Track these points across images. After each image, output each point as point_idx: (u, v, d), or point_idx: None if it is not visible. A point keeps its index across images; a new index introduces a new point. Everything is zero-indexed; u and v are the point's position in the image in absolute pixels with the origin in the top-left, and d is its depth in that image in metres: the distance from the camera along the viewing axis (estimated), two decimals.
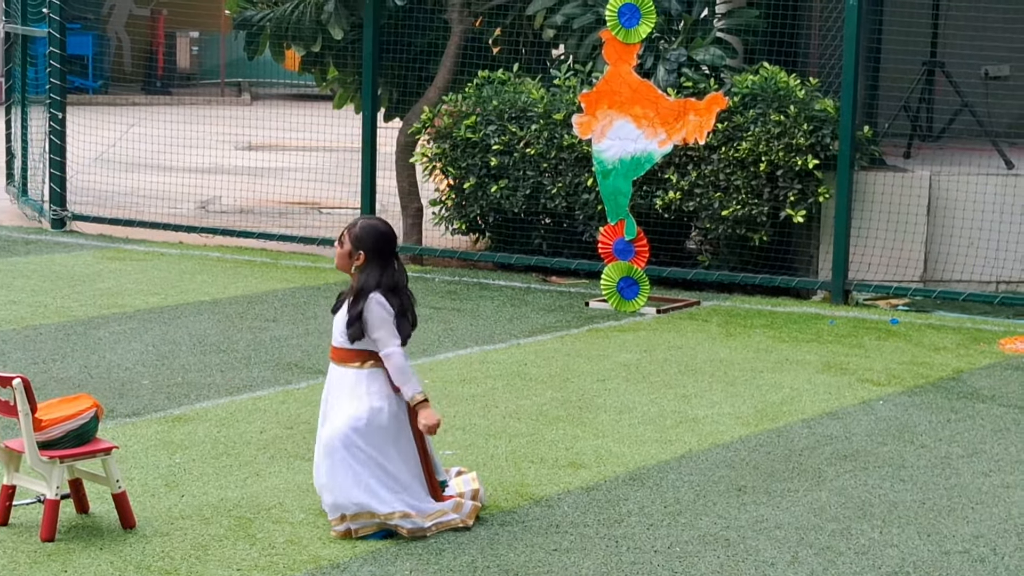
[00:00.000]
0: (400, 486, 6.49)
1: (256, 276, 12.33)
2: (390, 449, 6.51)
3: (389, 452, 6.51)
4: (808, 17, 13.03)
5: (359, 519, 6.42)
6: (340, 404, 6.54)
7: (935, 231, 12.01)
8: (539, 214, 12.63)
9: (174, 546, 6.27)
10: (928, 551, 6.46)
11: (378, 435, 6.49)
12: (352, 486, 6.40)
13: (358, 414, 6.46)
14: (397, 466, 6.52)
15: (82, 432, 6.38)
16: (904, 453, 7.86)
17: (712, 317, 11.14)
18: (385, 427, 6.50)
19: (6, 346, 9.60)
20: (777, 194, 11.76)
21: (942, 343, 10.44)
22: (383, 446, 6.49)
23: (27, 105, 15.58)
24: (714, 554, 6.35)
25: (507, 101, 12.47)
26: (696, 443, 7.95)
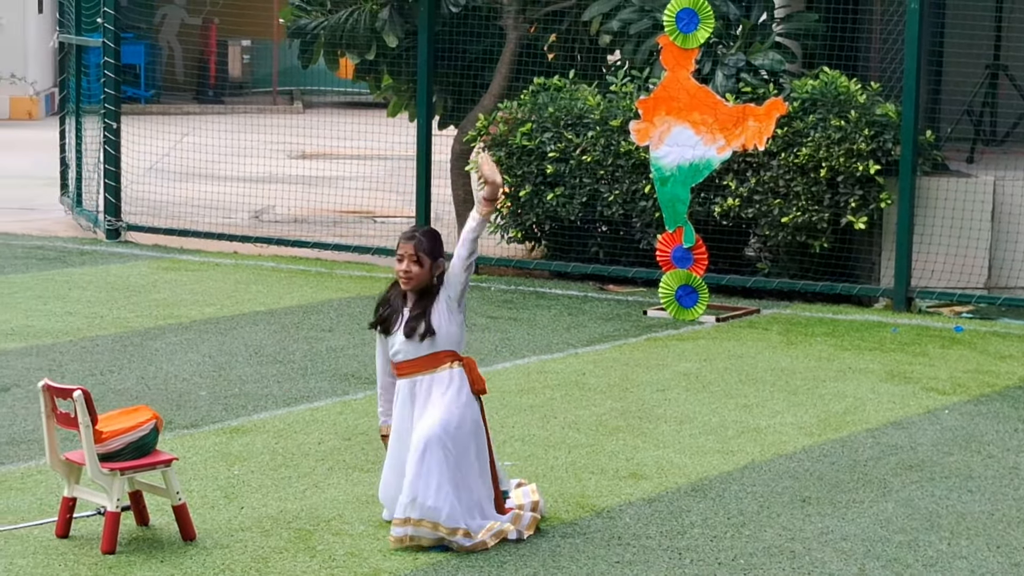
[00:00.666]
0: (472, 500, 6.50)
1: (311, 286, 12.36)
2: (471, 456, 6.53)
3: (469, 459, 6.53)
4: (868, 20, 12.98)
5: (422, 527, 6.42)
6: (429, 411, 6.55)
7: (999, 237, 11.93)
8: (596, 222, 12.62)
9: (234, 558, 6.29)
10: (998, 563, 6.41)
11: (464, 440, 6.52)
12: (433, 491, 6.41)
13: (447, 419, 6.48)
14: (473, 477, 6.54)
15: (142, 444, 6.42)
16: (971, 463, 7.81)
17: (772, 325, 11.10)
18: (469, 433, 6.53)
19: (63, 358, 9.66)
20: (838, 200, 11.71)
21: (1008, 351, 10.36)
22: (466, 452, 6.51)
23: (81, 115, 15.68)
24: (779, 566, 6.33)
25: (563, 108, 12.47)
26: (759, 453, 7.93)
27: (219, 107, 27.79)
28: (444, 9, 13.33)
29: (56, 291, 11.83)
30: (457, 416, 6.50)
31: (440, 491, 6.41)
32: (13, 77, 26.82)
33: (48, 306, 11.23)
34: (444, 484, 6.42)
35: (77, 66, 15.92)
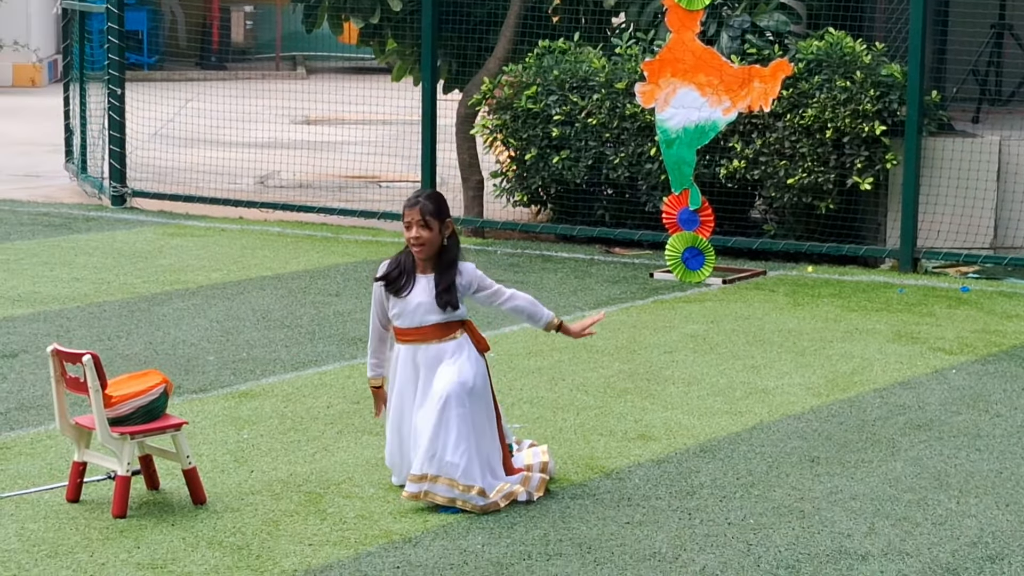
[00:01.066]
0: (484, 459, 6.52)
1: (317, 251, 12.37)
2: (483, 415, 6.56)
3: (482, 419, 6.55)
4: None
5: (438, 483, 6.43)
6: (444, 370, 6.56)
7: (1005, 197, 11.92)
8: (601, 185, 12.62)
9: (245, 522, 6.31)
10: (1007, 521, 6.42)
11: (479, 400, 6.55)
12: (452, 447, 6.44)
13: (464, 378, 6.51)
14: (486, 437, 6.56)
15: (152, 408, 6.43)
16: (979, 422, 7.81)
17: (779, 287, 11.10)
18: (481, 393, 6.56)
19: (71, 323, 9.67)
20: (844, 161, 11.70)
21: (1014, 310, 10.36)
22: (479, 412, 6.54)
23: (85, 82, 15.67)
24: (789, 526, 6.34)
25: (568, 71, 12.45)
26: (767, 414, 7.93)
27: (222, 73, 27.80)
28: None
29: (62, 257, 11.83)
30: (471, 375, 6.52)
31: (459, 447, 6.43)
32: (16, 44, 26.78)
33: (55, 272, 11.24)
34: (463, 440, 6.44)
35: (80, 32, 15.89)
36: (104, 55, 14.64)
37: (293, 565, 5.86)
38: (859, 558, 6.00)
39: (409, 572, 5.82)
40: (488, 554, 6.00)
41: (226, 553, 5.97)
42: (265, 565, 5.86)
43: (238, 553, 5.97)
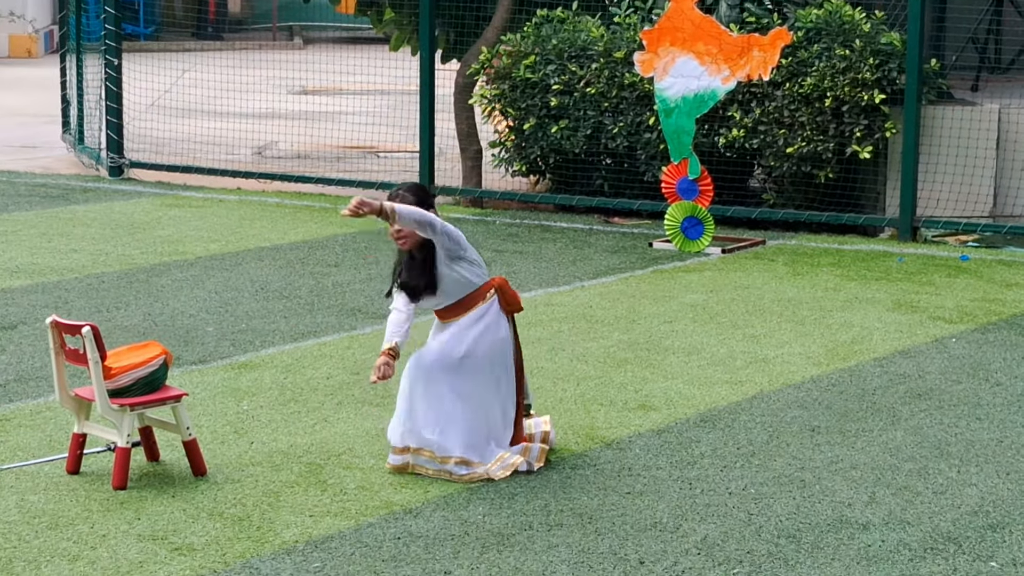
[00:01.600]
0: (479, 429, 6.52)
1: (315, 221, 12.35)
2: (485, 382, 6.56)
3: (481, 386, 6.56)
4: None
5: (421, 455, 6.48)
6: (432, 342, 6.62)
7: (1004, 165, 11.91)
8: (600, 154, 12.59)
9: (246, 493, 6.30)
10: (1008, 490, 6.42)
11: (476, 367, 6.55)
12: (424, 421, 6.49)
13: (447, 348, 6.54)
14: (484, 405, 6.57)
15: (152, 380, 6.43)
16: (979, 391, 7.81)
17: (778, 256, 11.09)
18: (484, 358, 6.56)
19: (69, 295, 9.66)
20: (843, 130, 11.68)
21: (1014, 279, 10.35)
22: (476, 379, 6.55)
23: (81, 53, 15.63)
24: (790, 495, 6.34)
25: (566, 40, 12.42)
26: (767, 384, 7.93)
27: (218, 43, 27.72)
28: None
29: (60, 228, 11.82)
30: (467, 344, 6.52)
31: (434, 422, 6.48)
32: (12, 15, 26.73)
33: (52, 243, 11.23)
34: (440, 415, 6.48)
35: (77, 3, 15.85)
36: (100, 26, 14.60)
37: (294, 536, 5.87)
38: (860, 527, 6.00)
39: (410, 543, 5.82)
40: (489, 524, 6.00)
41: (227, 524, 5.97)
42: (266, 536, 5.86)
43: (239, 524, 5.97)
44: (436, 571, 5.58)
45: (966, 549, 5.81)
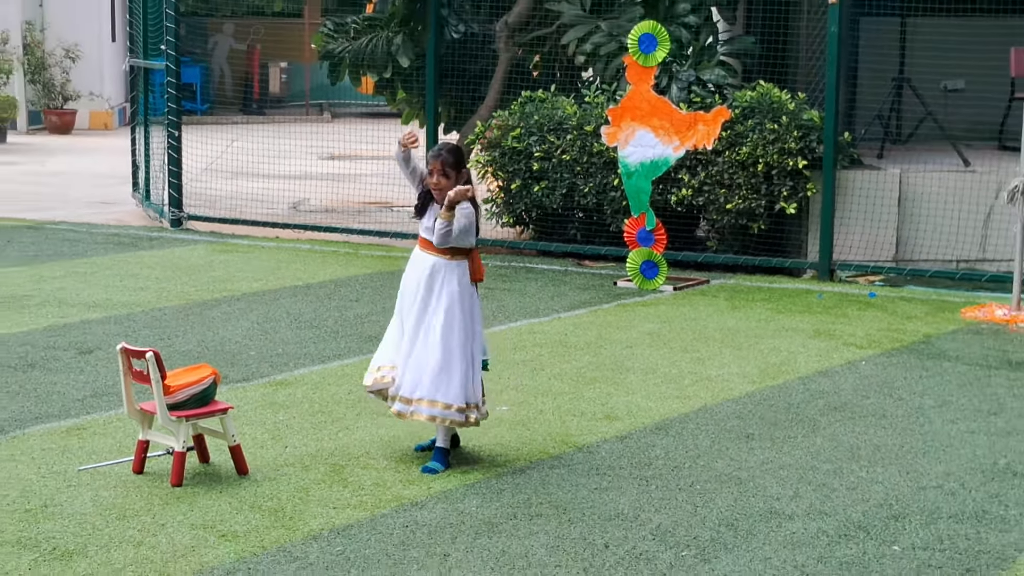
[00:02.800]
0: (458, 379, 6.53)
1: (340, 264, 12.34)
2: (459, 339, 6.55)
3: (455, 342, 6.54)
4: (796, 42, 12.94)
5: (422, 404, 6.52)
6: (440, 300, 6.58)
7: (905, 219, 11.93)
8: (574, 209, 12.60)
9: (281, 489, 6.28)
10: (907, 487, 6.42)
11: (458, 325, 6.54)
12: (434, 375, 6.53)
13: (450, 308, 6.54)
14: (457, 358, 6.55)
15: (203, 395, 6.41)
16: (885, 405, 7.81)
17: (720, 293, 11.10)
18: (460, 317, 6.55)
19: (136, 325, 9.64)
20: (772, 190, 11.69)
21: (913, 312, 10.37)
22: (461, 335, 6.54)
23: (148, 125, 15.66)
24: (729, 491, 6.32)
25: (546, 116, 12.44)
26: (710, 398, 7.92)
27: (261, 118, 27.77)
28: (447, 35, 13.30)
29: (130, 270, 11.80)
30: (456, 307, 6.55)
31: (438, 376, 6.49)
32: (92, 94, 26.75)
33: (123, 283, 11.20)
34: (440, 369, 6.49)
35: (144, 85, 15.88)
36: (164, 103, 14.62)
37: (320, 525, 5.84)
38: (786, 517, 5.99)
39: (415, 530, 5.80)
40: (480, 514, 5.98)
41: (264, 515, 5.95)
42: (296, 525, 5.84)
43: (274, 515, 5.95)
44: (437, 554, 5.56)
45: (873, 535, 5.80)
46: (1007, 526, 5.92)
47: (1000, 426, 7.40)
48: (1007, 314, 10.10)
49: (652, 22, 11.01)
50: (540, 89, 12.93)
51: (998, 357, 8.94)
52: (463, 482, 6.41)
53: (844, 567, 5.46)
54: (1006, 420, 7.52)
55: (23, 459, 6.66)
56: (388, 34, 13.34)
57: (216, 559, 5.47)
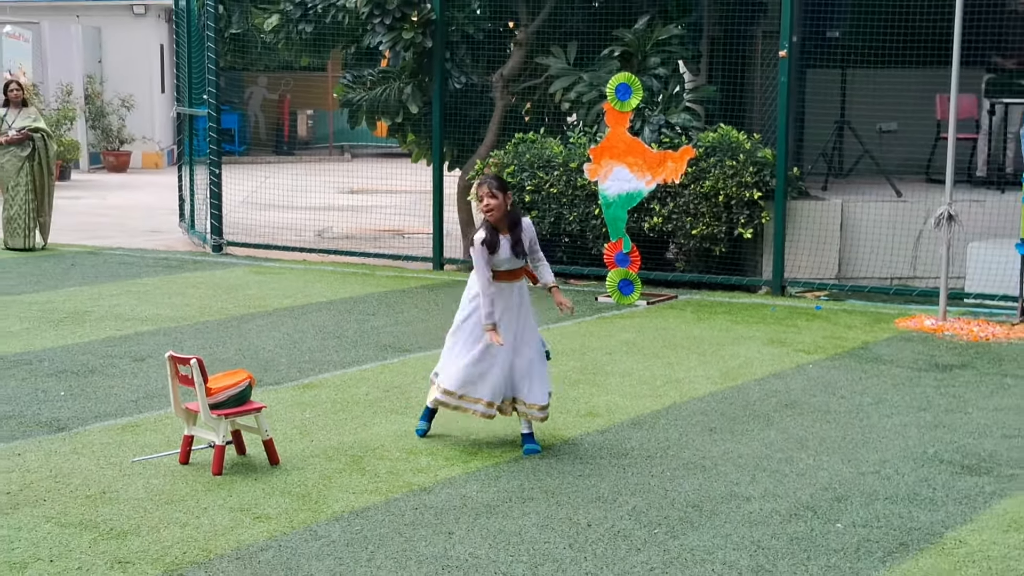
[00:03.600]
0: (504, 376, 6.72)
1: (359, 283, 12.35)
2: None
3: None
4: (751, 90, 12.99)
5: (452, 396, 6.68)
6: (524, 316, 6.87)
7: (845, 242, 11.95)
8: (560, 235, 12.61)
9: (307, 477, 6.28)
10: (849, 472, 6.42)
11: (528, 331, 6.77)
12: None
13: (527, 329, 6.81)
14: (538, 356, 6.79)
15: (240, 396, 6.42)
16: (829, 402, 7.82)
17: (687, 307, 11.10)
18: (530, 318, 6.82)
19: (183, 336, 9.64)
20: (732, 218, 11.71)
21: (853, 322, 10.38)
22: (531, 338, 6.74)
23: (193, 164, 15.68)
24: (695, 477, 6.33)
25: (536, 155, 12.46)
26: (678, 397, 7.92)
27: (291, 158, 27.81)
28: (451, 86, 13.32)
29: (177, 289, 11.81)
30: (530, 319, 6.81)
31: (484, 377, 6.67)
32: (144, 138, 26.81)
33: (171, 300, 11.21)
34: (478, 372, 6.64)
35: (189, 129, 15.90)
36: (206, 145, 14.64)
37: (341, 508, 5.84)
38: (744, 499, 5.99)
39: (424, 512, 5.80)
40: (480, 498, 5.99)
41: (293, 499, 5.95)
42: (321, 508, 5.84)
43: (302, 500, 5.95)
44: (443, 532, 5.56)
45: (819, 515, 5.81)
46: (935, 506, 5.93)
47: (929, 420, 7.42)
48: (935, 324, 10.12)
49: (627, 74, 11.04)
50: (531, 132, 12.95)
51: (927, 361, 8.96)
52: (465, 470, 6.41)
53: (794, 542, 5.47)
54: (934, 415, 7.53)
55: (84, 452, 6.66)
56: (399, 85, 13.36)
57: (251, 538, 5.47)
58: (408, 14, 12.93)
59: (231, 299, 11.33)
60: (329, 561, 5.24)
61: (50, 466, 6.41)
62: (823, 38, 12.76)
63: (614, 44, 12.50)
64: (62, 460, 6.51)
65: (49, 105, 23.89)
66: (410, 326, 10.05)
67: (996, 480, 6.29)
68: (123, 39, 26.76)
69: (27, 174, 14.15)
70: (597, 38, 12.80)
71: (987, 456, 6.69)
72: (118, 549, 5.34)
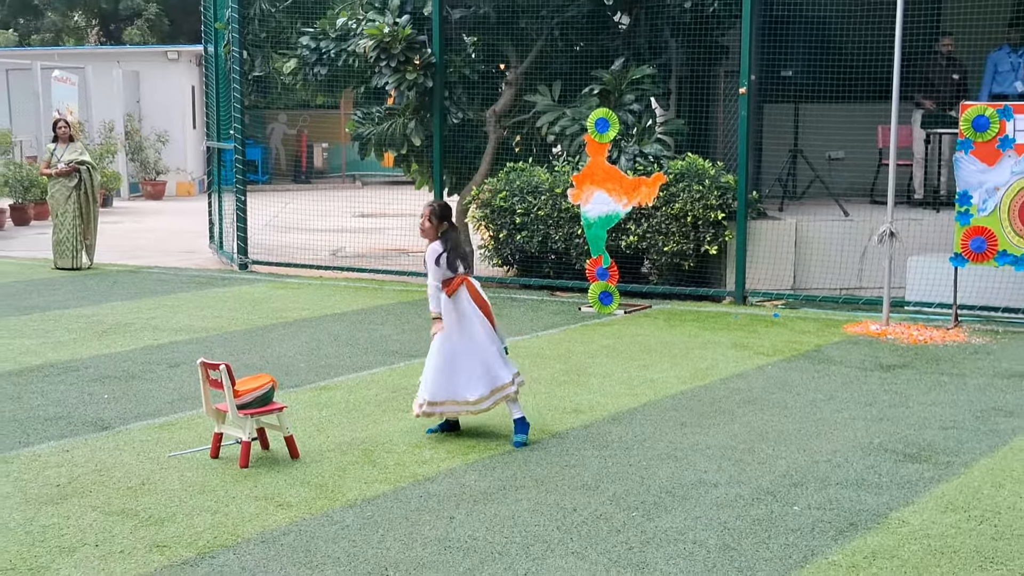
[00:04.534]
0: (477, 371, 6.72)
1: (369, 297, 12.34)
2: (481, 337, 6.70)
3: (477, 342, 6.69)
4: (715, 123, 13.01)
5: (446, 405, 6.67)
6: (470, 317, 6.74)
7: (799, 257, 11.96)
8: (548, 252, 12.62)
9: (323, 469, 6.27)
10: (804, 462, 6.43)
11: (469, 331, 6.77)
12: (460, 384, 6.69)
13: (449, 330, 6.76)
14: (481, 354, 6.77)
15: (264, 397, 6.41)
16: (786, 399, 7.83)
17: (660, 315, 11.11)
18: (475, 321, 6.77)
19: (213, 344, 9.62)
20: (699, 236, 11.73)
21: (807, 328, 10.39)
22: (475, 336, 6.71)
23: (221, 192, 15.67)
24: (668, 466, 6.33)
25: (525, 181, 12.47)
26: (653, 395, 7.92)
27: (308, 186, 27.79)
28: (449, 121, 13.33)
29: (207, 303, 11.79)
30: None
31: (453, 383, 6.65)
32: (178, 169, 26.80)
33: (203, 312, 11.19)
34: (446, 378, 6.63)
35: (218, 161, 15.90)
36: (233, 175, 14.64)
37: (354, 496, 5.83)
38: (712, 485, 5.99)
39: (427, 499, 5.79)
40: (477, 487, 5.98)
41: (311, 489, 5.94)
42: (336, 496, 5.83)
43: (319, 489, 5.94)
44: (444, 516, 5.55)
45: (778, 498, 5.81)
46: (881, 490, 5.93)
47: (874, 414, 7.42)
48: (879, 328, 10.14)
49: (605, 109, 11.06)
50: (521, 161, 12.97)
51: (872, 361, 8.97)
52: (464, 462, 6.40)
53: (756, 523, 5.47)
54: (879, 409, 7.54)
55: (126, 448, 6.64)
56: (404, 120, 13.38)
57: (274, 523, 5.46)
58: (411, 58, 12.96)
59: (255, 311, 11.31)
60: (344, 543, 5.23)
61: (95, 461, 6.40)
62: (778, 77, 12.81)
63: (593, 83, 12.53)
64: (106, 456, 6.49)
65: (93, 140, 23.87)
66: (415, 334, 10.04)
67: (934, 467, 6.30)
68: (159, 81, 26.75)
69: (74, 202, 14.16)
70: (578, 78, 12.82)
71: (926, 445, 6.70)
72: (156, 534, 5.32)
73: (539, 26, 13.08)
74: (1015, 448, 6.62)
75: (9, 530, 5.37)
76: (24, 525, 5.44)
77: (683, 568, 4.94)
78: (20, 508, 5.65)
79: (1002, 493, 5.85)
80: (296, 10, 14.60)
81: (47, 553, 5.12)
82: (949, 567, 4.96)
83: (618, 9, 12.57)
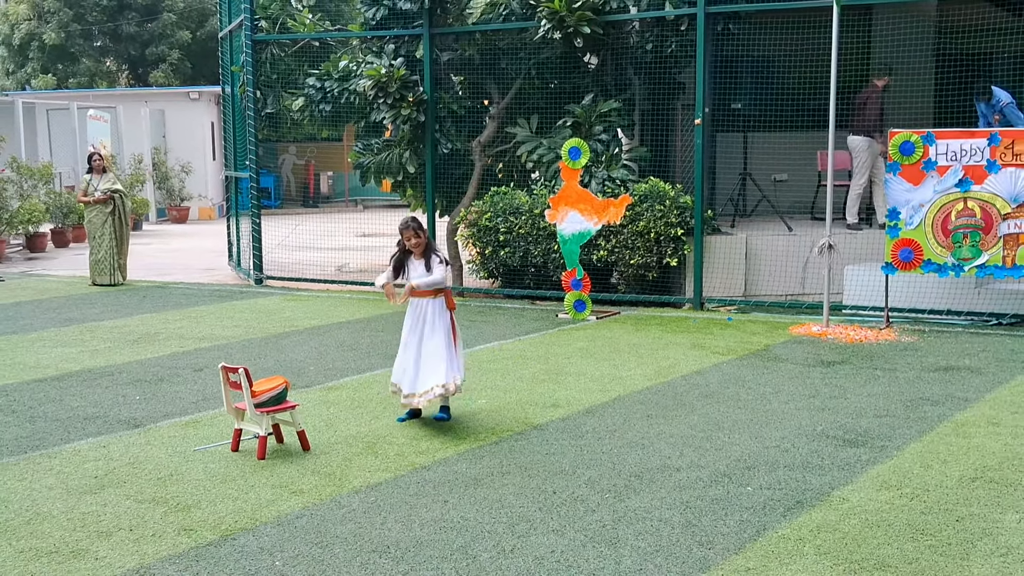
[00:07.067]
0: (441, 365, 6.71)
1: (370, 308, 12.32)
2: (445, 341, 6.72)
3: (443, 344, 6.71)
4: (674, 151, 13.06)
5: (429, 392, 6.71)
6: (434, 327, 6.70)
7: (750, 267, 12.01)
8: (528, 266, 12.63)
9: (331, 460, 6.25)
10: (756, 447, 6.45)
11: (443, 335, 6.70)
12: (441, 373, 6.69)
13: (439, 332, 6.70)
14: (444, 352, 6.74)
15: (278, 396, 6.40)
16: (739, 392, 7.85)
17: (628, 321, 11.12)
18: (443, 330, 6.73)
19: (232, 350, 9.59)
20: (661, 250, 11.75)
21: (757, 331, 10.43)
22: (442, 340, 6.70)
23: (238, 216, 15.63)
24: (636, 453, 6.33)
25: (508, 204, 12.48)
26: (622, 391, 7.93)
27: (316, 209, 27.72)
28: (440, 151, 13.34)
29: (227, 314, 11.75)
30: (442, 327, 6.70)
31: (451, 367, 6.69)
32: (200, 196, 26.71)
33: (223, 322, 11.16)
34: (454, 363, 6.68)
35: (235, 189, 15.85)
36: (248, 201, 14.61)
37: (359, 483, 5.82)
38: (675, 470, 6.00)
39: (424, 484, 5.78)
40: (468, 473, 5.97)
41: (321, 478, 5.92)
42: (343, 483, 5.81)
43: (328, 477, 5.92)
44: (438, 500, 5.54)
45: (734, 480, 5.82)
46: (824, 472, 5.95)
47: (817, 405, 7.45)
48: (820, 330, 10.18)
49: (578, 139, 11.09)
50: (503, 186, 12.98)
51: (815, 359, 9.01)
52: (456, 451, 6.40)
53: (715, 502, 5.48)
54: (821, 401, 7.57)
55: (155, 443, 6.61)
56: (400, 151, 13.38)
57: (289, 508, 5.44)
58: (406, 95, 12.98)
59: (270, 321, 11.28)
60: (351, 525, 5.21)
61: (129, 455, 6.36)
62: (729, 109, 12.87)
63: (567, 116, 12.56)
64: (138, 450, 6.46)
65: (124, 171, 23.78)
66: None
67: (870, 451, 6.33)
68: (182, 118, 26.69)
69: (110, 226, 14.16)
70: (553, 112, 12.86)
71: (863, 432, 6.73)
72: (184, 519, 5.30)
73: (518, 66, 13.13)
74: (941, 433, 6.67)
75: (53, 517, 5.35)
76: (66, 512, 5.41)
77: (651, 543, 4.95)
78: (62, 498, 5.62)
79: (930, 473, 5.89)
80: (303, 54, 14.62)
81: (87, 537, 5.10)
82: (884, 538, 4.99)
83: (587, 51, 12.63)
